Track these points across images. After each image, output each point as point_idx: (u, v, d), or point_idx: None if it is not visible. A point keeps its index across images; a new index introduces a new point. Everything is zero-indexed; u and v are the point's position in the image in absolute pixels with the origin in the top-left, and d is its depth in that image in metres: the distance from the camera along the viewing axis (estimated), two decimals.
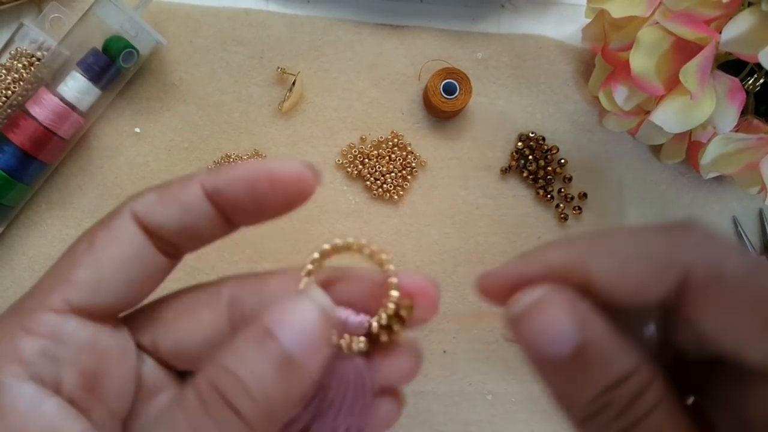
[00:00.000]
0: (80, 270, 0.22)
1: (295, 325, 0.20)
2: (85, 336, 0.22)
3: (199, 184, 0.23)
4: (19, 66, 0.42)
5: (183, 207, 0.23)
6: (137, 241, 0.23)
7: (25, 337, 0.21)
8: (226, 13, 0.47)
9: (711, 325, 0.19)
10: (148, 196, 0.23)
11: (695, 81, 0.35)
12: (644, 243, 0.20)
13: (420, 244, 0.47)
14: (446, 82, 0.45)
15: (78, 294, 0.22)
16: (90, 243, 0.22)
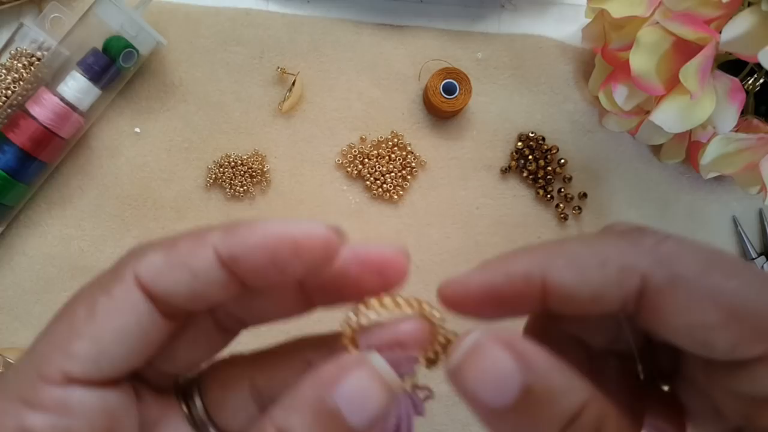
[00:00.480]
0: (80, 342, 0.21)
1: (356, 396, 0.19)
2: (92, 403, 0.21)
3: (212, 249, 0.20)
4: (19, 66, 0.42)
5: (193, 274, 0.20)
6: (141, 310, 0.21)
7: (30, 413, 0.20)
8: (227, 13, 0.47)
9: (673, 326, 0.19)
10: (153, 258, 0.20)
11: (695, 81, 0.35)
12: (600, 250, 0.20)
13: (420, 243, 0.47)
14: (446, 82, 0.45)
15: (78, 367, 0.20)
16: (90, 311, 0.21)
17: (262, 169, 0.46)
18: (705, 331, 0.19)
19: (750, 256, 0.48)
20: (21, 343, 0.44)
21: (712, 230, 0.49)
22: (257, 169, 0.45)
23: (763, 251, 0.49)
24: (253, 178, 0.46)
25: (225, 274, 0.20)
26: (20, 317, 0.44)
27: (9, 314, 0.44)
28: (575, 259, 0.20)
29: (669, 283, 0.19)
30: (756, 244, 0.49)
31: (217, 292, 0.21)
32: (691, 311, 0.19)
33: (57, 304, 0.47)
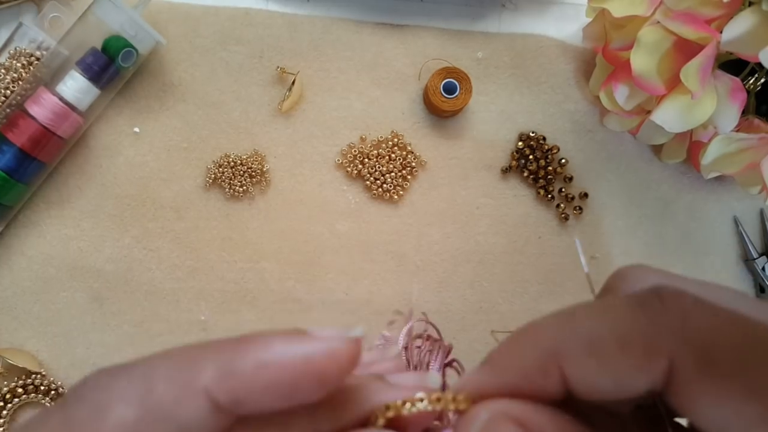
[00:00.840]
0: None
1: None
2: None
3: (204, 394, 0.16)
4: (18, 65, 0.42)
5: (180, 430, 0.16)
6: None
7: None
8: (226, 12, 0.47)
9: (702, 415, 0.16)
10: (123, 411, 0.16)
11: (696, 81, 0.35)
12: (619, 326, 0.17)
13: (420, 244, 0.47)
14: (446, 82, 0.45)
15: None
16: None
17: (262, 168, 0.46)
18: (735, 425, 0.16)
19: (751, 256, 0.48)
20: (20, 343, 0.44)
21: (712, 230, 0.49)
22: (257, 169, 0.45)
23: (763, 251, 0.49)
24: (253, 177, 0.45)
25: (222, 421, 0.16)
26: (19, 317, 0.44)
27: (8, 314, 0.44)
28: (591, 340, 0.17)
29: (701, 371, 0.16)
30: (757, 244, 0.49)
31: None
32: (728, 404, 0.15)
33: (56, 304, 0.47)
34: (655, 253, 0.48)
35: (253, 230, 0.46)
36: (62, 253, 0.45)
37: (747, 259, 0.49)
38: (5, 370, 0.43)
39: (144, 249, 0.45)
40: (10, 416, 0.43)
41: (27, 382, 0.42)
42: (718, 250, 0.49)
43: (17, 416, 0.43)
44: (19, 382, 0.42)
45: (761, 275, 0.48)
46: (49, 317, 0.44)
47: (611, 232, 0.48)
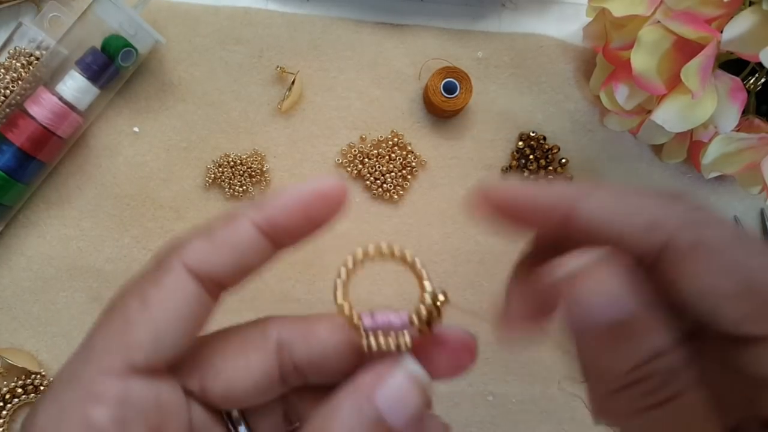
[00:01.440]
0: (137, 331, 0.22)
1: (395, 398, 0.21)
2: (149, 396, 0.22)
3: (249, 222, 0.23)
4: (17, 65, 0.42)
5: (237, 249, 0.22)
6: (192, 294, 0.22)
7: (94, 405, 0.21)
8: (226, 11, 0.47)
9: (687, 288, 0.20)
10: (197, 245, 0.23)
11: (696, 80, 0.35)
12: (635, 201, 0.21)
13: (420, 244, 0.47)
14: (446, 81, 0.45)
15: (138, 355, 0.22)
16: (143, 302, 0.22)
17: (262, 168, 0.45)
18: (716, 299, 0.19)
19: None
20: (20, 343, 0.44)
21: None
22: (256, 169, 0.45)
23: None
24: (253, 177, 0.45)
25: (264, 241, 0.23)
26: (19, 317, 0.44)
27: (7, 314, 0.44)
28: (610, 200, 0.21)
29: (692, 247, 0.19)
30: None
31: (257, 260, 0.23)
32: (708, 277, 0.19)
33: (56, 304, 0.47)
34: None
35: None
36: (62, 253, 0.45)
37: None
38: (5, 370, 0.43)
39: (144, 249, 0.45)
40: (9, 416, 0.42)
41: (27, 382, 0.42)
42: None
43: (17, 416, 0.43)
44: (19, 382, 0.42)
45: None
46: (49, 317, 0.44)
47: None
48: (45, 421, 0.21)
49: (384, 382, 0.22)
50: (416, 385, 0.22)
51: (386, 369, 0.22)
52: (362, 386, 0.22)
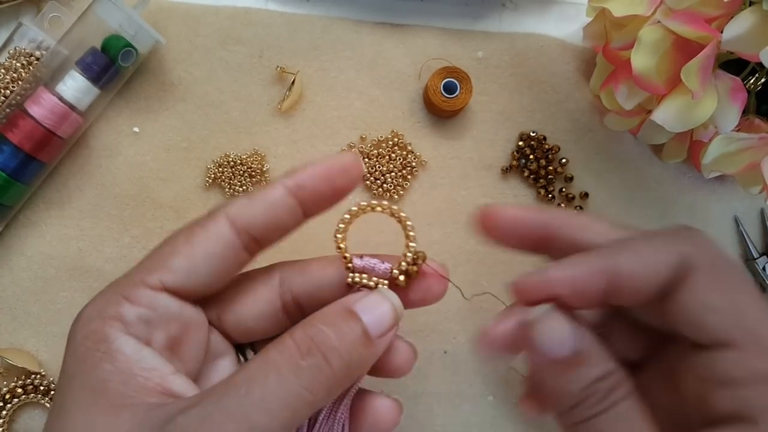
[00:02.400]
0: (178, 259, 0.27)
1: (376, 313, 0.27)
2: (173, 310, 0.28)
3: (282, 186, 0.28)
4: (17, 65, 0.42)
5: (271, 204, 0.28)
6: (228, 240, 0.28)
7: (127, 304, 0.27)
8: (226, 11, 0.47)
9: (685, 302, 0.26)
10: (240, 200, 0.28)
11: (696, 80, 0.35)
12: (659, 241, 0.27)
13: (420, 243, 0.46)
14: (447, 81, 0.45)
15: (173, 278, 0.27)
16: (188, 237, 0.28)
17: (262, 168, 0.45)
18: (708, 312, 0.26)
19: (752, 256, 0.48)
20: (20, 343, 0.44)
21: (713, 230, 0.49)
22: (257, 169, 0.45)
23: (764, 251, 0.49)
24: (253, 177, 0.45)
25: (293, 202, 0.28)
26: (19, 317, 0.44)
27: (7, 314, 0.44)
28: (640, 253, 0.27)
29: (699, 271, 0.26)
30: (758, 244, 0.49)
31: (286, 219, 0.29)
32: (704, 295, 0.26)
33: (56, 305, 0.47)
34: None
35: None
36: (62, 253, 0.45)
37: (747, 259, 0.49)
38: (5, 370, 0.43)
39: (144, 249, 0.45)
40: (9, 416, 0.42)
41: (26, 382, 0.42)
42: None
43: (17, 416, 0.43)
44: (19, 382, 0.42)
45: (762, 275, 0.48)
46: (49, 317, 0.44)
47: None
48: (90, 311, 0.27)
49: (367, 298, 0.27)
50: (389, 303, 0.28)
51: (366, 292, 0.28)
52: (345, 300, 0.27)
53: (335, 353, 0.25)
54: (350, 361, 0.25)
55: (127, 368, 0.25)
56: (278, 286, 0.31)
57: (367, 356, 0.26)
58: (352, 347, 0.25)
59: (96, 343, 0.26)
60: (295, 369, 0.24)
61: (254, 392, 0.24)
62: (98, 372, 0.25)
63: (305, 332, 0.25)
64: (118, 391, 0.25)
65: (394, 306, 0.28)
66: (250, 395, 0.23)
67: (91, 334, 0.26)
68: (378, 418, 0.30)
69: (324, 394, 0.24)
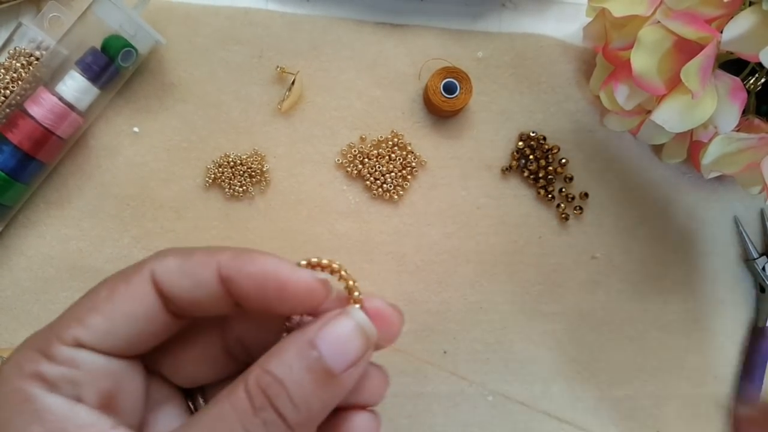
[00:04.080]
0: (96, 316, 0.24)
1: (337, 343, 0.23)
2: (99, 364, 0.24)
3: (216, 266, 0.24)
4: (17, 65, 0.42)
5: (197, 283, 0.24)
6: (150, 301, 0.24)
7: (45, 361, 0.24)
8: (226, 12, 0.47)
9: None
10: (170, 261, 0.25)
11: (696, 80, 0.35)
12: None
13: (420, 244, 0.47)
14: (447, 81, 0.45)
15: (89, 336, 0.24)
16: (110, 292, 0.25)
17: (262, 168, 0.45)
18: None
19: (752, 256, 0.48)
20: (19, 343, 0.44)
21: (713, 230, 0.49)
22: (256, 169, 0.45)
23: (764, 251, 0.49)
24: (253, 177, 0.45)
25: (222, 290, 0.24)
26: (18, 317, 0.44)
27: (7, 314, 0.44)
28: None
29: None
30: (757, 244, 0.49)
31: (212, 304, 0.25)
32: None
33: (56, 304, 0.46)
34: (656, 252, 0.48)
35: (252, 230, 0.46)
36: (62, 253, 0.45)
37: (747, 259, 0.49)
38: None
39: (144, 249, 0.45)
40: None
41: None
42: (718, 250, 0.49)
43: None
44: None
45: (761, 275, 0.48)
46: (49, 317, 0.44)
47: (611, 232, 0.48)
48: (8, 369, 0.24)
49: (329, 327, 0.23)
50: (360, 333, 0.23)
51: (333, 316, 0.24)
52: (308, 330, 0.23)
53: (289, 406, 0.22)
54: (309, 410, 0.23)
55: (60, 428, 0.23)
56: (219, 329, 0.28)
57: (331, 397, 0.23)
58: (311, 394, 0.22)
59: (21, 404, 0.23)
60: (249, 426, 0.22)
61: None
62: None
63: (257, 381, 0.23)
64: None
65: (364, 331, 0.24)
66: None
67: (13, 393, 0.23)
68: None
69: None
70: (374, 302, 0.25)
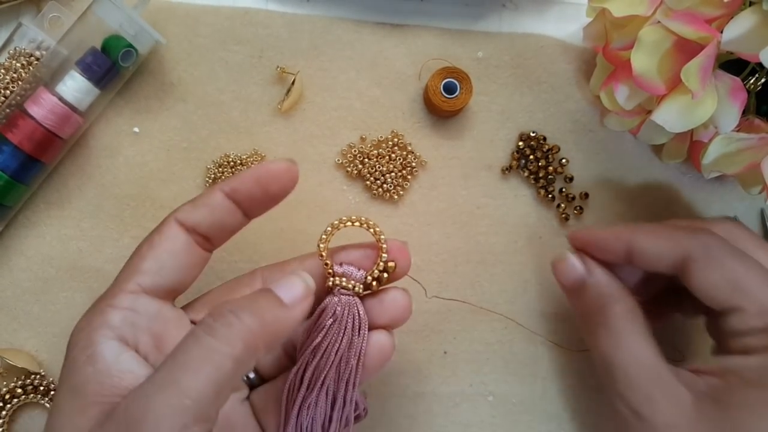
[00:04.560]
0: (146, 262, 0.32)
1: (289, 286, 0.31)
2: (153, 309, 0.32)
3: (219, 190, 0.32)
4: (17, 65, 0.42)
5: (211, 208, 0.32)
6: (182, 238, 0.32)
7: (111, 310, 0.30)
8: (226, 11, 0.47)
9: (698, 282, 0.35)
10: (185, 206, 0.33)
11: (697, 80, 0.35)
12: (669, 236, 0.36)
13: (420, 243, 0.47)
14: (447, 81, 0.45)
15: (146, 279, 0.31)
16: (150, 244, 0.32)
17: None
18: (712, 289, 0.35)
19: None
20: (20, 343, 0.44)
21: None
22: None
23: None
24: None
25: (230, 204, 0.33)
26: (18, 318, 0.44)
27: (7, 315, 0.44)
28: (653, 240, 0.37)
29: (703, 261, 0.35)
30: None
31: (227, 219, 0.33)
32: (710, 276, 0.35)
33: (55, 305, 0.47)
34: None
35: (252, 230, 0.45)
36: (62, 254, 0.45)
37: None
38: (4, 371, 0.43)
39: None
40: (9, 416, 0.42)
41: (26, 383, 0.42)
42: None
43: (17, 416, 0.43)
44: (19, 383, 0.42)
45: None
46: (49, 317, 0.44)
47: None
48: (81, 323, 0.31)
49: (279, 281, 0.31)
50: (300, 278, 0.31)
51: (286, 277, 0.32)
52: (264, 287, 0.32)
53: (245, 311, 0.28)
54: (263, 317, 0.28)
55: (105, 370, 0.28)
56: (261, 286, 0.35)
57: (282, 317, 0.29)
58: (264, 308, 0.29)
59: (82, 349, 0.29)
60: (208, 329, 0.27)
61: (177, 358, 0.26)
62: (81, 374, 0.29)
63: (220, 305, 0.29)
64: (94, 391, 0.28)
65: (305, 280, 0.31)
66: (174, 362, 0.26)
67: (80, 341, 0.30)
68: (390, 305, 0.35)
69: (242, 347, 0.27)
70: (392, 242, 0.35)
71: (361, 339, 0.33)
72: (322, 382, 0.33)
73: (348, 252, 0.35)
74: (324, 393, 0.33)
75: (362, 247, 0.35)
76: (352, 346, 0.33)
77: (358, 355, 0.33)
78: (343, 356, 0.33)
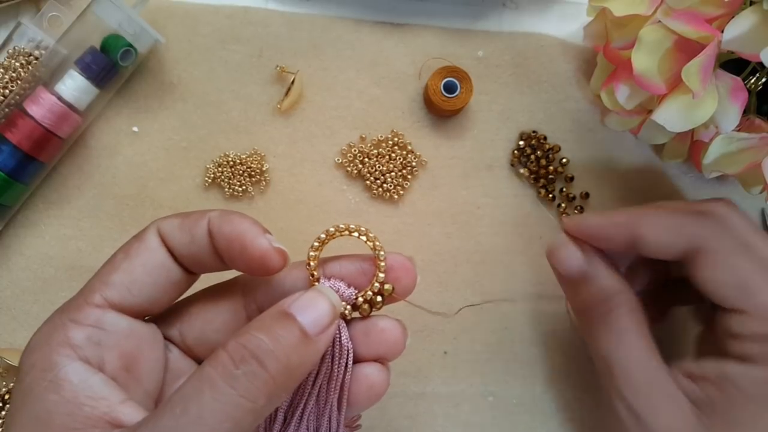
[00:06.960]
0: (117, 274, 0.28)
1: (313, 311, 0.26)
2: (122, 327, 0.27)
3: (206, 223, 0.28)
4: (16, 65, 0.42)
5: (193, 238, 0.28)
6: (161, 254, 0.28)
7: (73, 327, 0.26)
8: (225, 11, 0.46)
9: (704, 277, 0.34)
10: (172, 220, 0.29)
11: (697, 80, 0.35)
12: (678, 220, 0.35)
13: (420, 243, 0.47)
14: (447, 81, 0.45)
15: (115, 293, 0.27)
16: (126, 252, 0.28)
17: (261, 168, 0.45)
18: (719, 286, 0.33)
19: None
20: (19, 343, 0.44)
21: None
22: (256, 169, 0.45)
23: None
24: (252, 177, 0.45)
25: (210, 245, 0.28)
26: (18, 317, 0.44)
27: (7, 314, 0.44)
28: (660, 223, 0.35)
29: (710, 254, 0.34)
30: None
31: (204, 257, 0.28)
32: (717, 273, 0.33)
33: (55, 305, 0.47)
34: None
35: None
36: (61, 253, 0.45)
37: None
38: (4, 371, 0.43)
39: None
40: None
41: None
42: None
43: None
44: None
45: None
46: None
47: None
48: (36, 339, 0.27)
49: (298, 297, 0.26)
50: (325, 299, 0.27)
51: (302, 291, 0.27)
52: (280, 303, 0.26)
53: (270, 356, 0.24)
54: (288, 362, 0.24)
55: (73, 398, 0.25)
56: (242, 297, 0.30)
57: (308, 354, 0.25)
58: (289, 348, 0.24)
59: (42, 372, 0.25)
60: (229, 379, 0.23)
61: (190, 410, 0.23)
62: (44, 403, 0.24)
63: (238, 341, 0.24)
64: (63, 423, 0.24)
65: (331, 301, 0.27)
66: (186, 414, 0.22)
67: (37, 362, 0.26)
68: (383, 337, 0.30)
69: (264, 400, 0.23)
70: (395, 257, 0.30)
71: (343, 370, 0.28)
72: (300, 416, 0.29)
73: (342, 263, 0.30)
74: (305, 427, 0.29)
75: (360, 259, 0.30)
76: (333, 377, 0.28)
77: (339, 388, 0.28)
78: (322, 388, 0.29)
